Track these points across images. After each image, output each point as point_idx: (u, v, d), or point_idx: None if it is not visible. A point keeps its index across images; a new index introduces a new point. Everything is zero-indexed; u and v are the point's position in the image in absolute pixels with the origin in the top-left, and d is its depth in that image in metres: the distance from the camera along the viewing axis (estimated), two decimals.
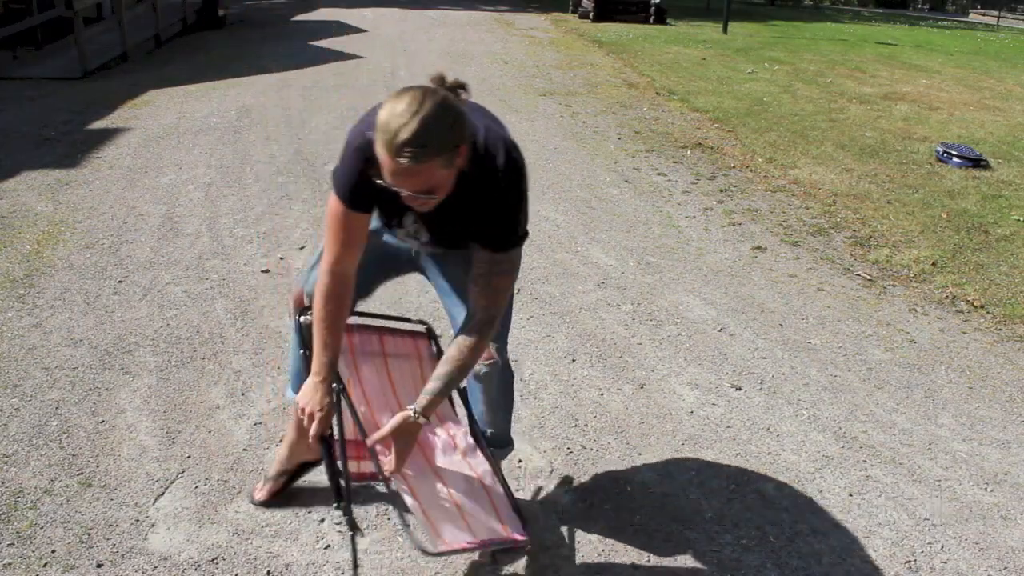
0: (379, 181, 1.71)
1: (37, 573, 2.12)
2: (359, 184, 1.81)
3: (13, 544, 2.21)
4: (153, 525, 2.30)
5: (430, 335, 2.34)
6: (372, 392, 2.09)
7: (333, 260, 1.89)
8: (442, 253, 2.10)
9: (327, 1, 17.17)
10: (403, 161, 1.61)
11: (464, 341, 1.89)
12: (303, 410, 1.93)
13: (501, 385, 2.25)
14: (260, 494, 2.39)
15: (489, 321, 1.89)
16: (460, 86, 1.71)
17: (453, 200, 1.76)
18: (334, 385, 1.94)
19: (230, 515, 2.35)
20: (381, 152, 1.64)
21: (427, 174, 1.65)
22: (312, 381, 1.93)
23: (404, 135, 1.59)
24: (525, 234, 1.88)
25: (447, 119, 1.62)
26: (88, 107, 7.17)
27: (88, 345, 3.22)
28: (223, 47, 11.07)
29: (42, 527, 2.27)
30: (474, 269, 1.88)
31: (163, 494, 2.42)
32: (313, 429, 1.93)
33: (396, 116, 1.60)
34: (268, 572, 2.15)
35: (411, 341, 2.30)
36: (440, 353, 2.22)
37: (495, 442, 2.28)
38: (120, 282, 3.79)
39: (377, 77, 8.95)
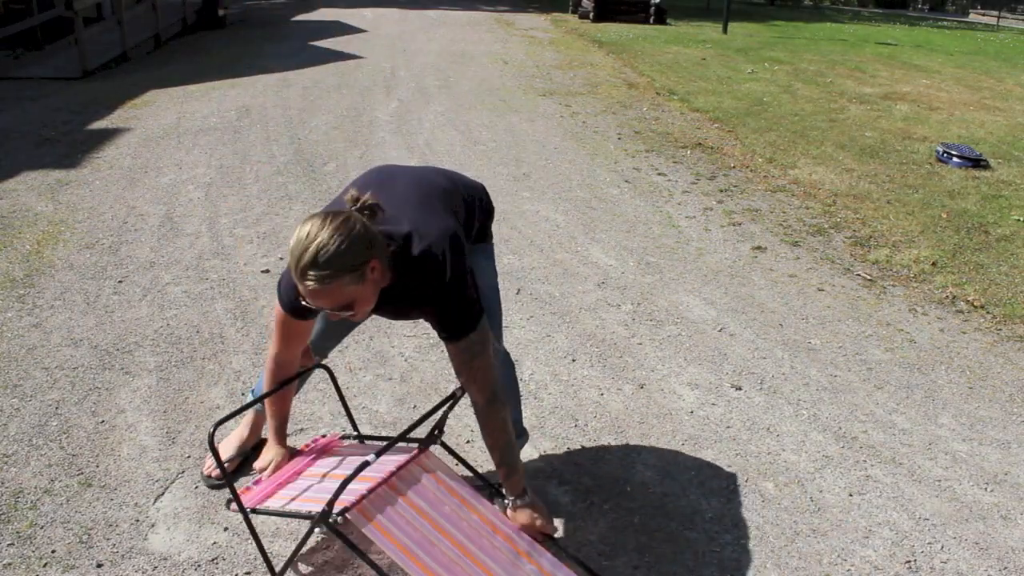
0: (301, 300, 1.82)
1: (37, 573, 2.12)
2: (298, 296, 1.86)
3: (13, 544, 2.21)
4: (153, 525, 2.30)
5: (429, 442, 2.15)
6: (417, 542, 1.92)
7: (277, 352, 2.11)
8: None
9: (327, 1, 17.17)
10: (308, 284, 1.71)
11: (483, 429, 2.05)
12: (256, 468, 2.23)
13: (504, 377, 2.32)
14: (214, 471, 2.47)
15: (491, 405, 2.00)
16: (373, 206, 1.79)
17: (395, 298, 1.88)
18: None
19: (230, 515, 2.35)
20: (291, 275, 1.75)
21: (336, 293, 1.74)
22: (268, 442, 2.26)
23: (304, 260, 1.69)
24: (480, 312, 1.95)
25: (346, 241, 1.70)
26: (88, 107, 7.17)
27: (88, 345, 3.22)
28: (223, 47, 11.07)
29: (42, 527, 2.27)
30: (452, 364, 1.98)
31: (163, 494, 2.42)
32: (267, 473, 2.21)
33: (299, 242, 1.71)
34: (267, 572, 2.15)
35: (415, 465, 2.10)
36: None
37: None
38: (120, 282, 3.79)
39: (377, 77, 8.95)
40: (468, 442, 2.71)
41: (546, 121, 7.19)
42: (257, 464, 2.23)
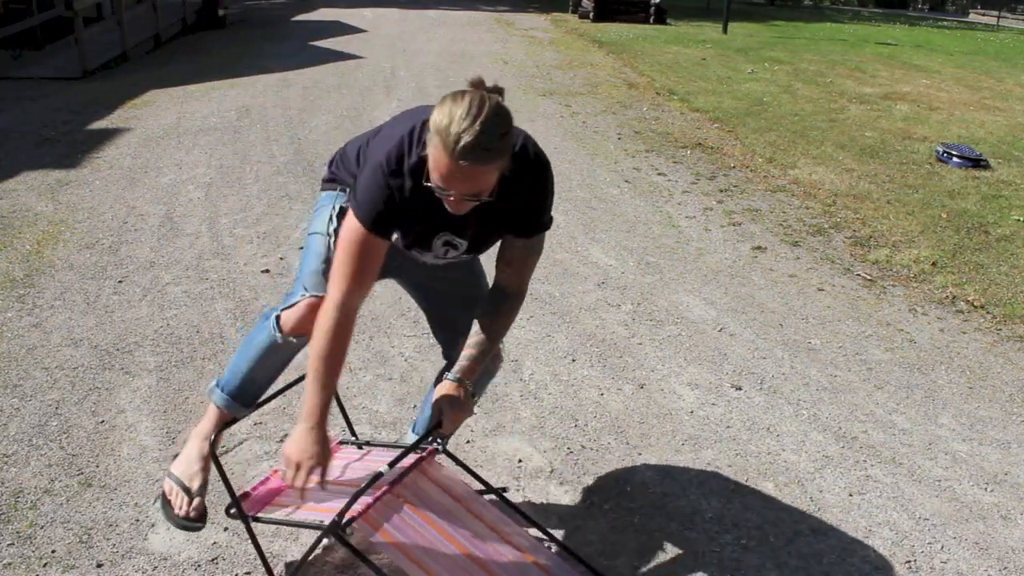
0: (427, 183, 1.69)
1: (37, 573, 2.12)
2: (388, 205, 1.76)
3: (13, 544, 2.21)
4: (153, 525, 2.30)
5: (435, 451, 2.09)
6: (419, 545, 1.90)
7: (344, 293, 1.78)
8: (429, 276, 2.11)
9: (327, 1, 17.17)
10: (464, 164, 1.61)
11: (498, 312, 1.94)
12: (290, 460, 1.79)
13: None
14: (189, 510, 2.07)
15: (520, 296, 1.97)
16: (499, 90, 1.72)
17: (490, 201, 1.75)
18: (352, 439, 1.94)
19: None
20: (439, 155, 1.62)
21: (484, 178, 1.66)
22: (303, 428, 1.79)
23: (468, 139, 1.59)
24: (551, 219, 1.93)
25: (505, 124, 1.66)
26: (88, 107, 7.18)
27: (88, 345, 3.22)
28: (223, 47, 11.07)
29: (42, 527, 2.27)
30: (507, 254, 1.91)
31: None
32: (298, 480, 1.80)
33: (457, 120, 1.60)
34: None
35: (418, 472, 2.04)
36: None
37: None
38: (120, 282, 3.79)
39: (377, 77, 8.95)
40: (468, 442, 2.71)
41: (546, 121, 7.19)
42: (287, 450, 1.80)
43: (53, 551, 2.19)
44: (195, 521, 2.07)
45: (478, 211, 1.78)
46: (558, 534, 2.30)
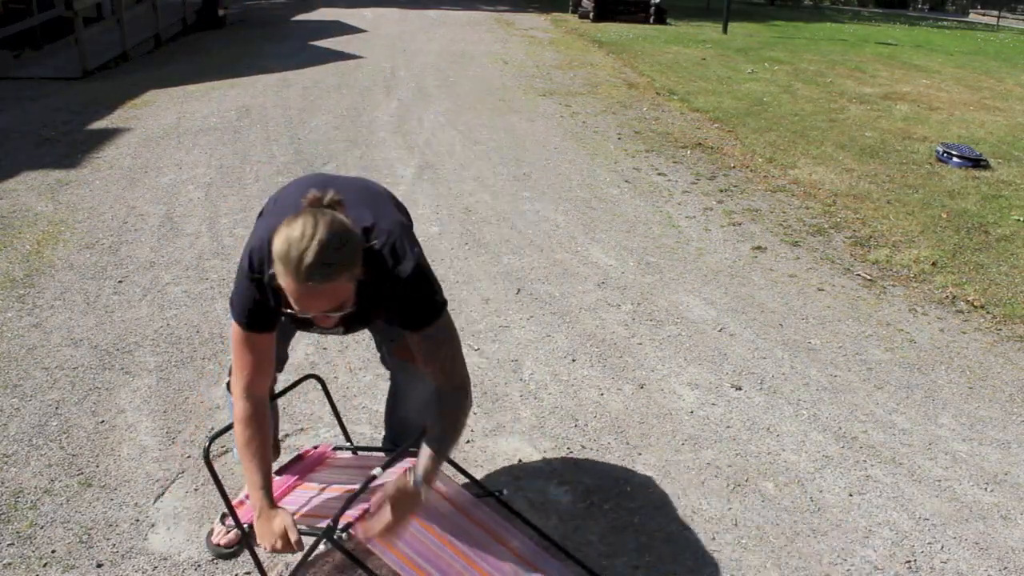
0: (287, 311, 1.74)
1: (37, 573, 2.12)
2: (258, 308, 1.83)
3: (13, 544, 2.21)
4: (153, 525, 2.30)
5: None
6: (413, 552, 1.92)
7: (245, 385, 1.89)
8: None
9: (327, 1, 17.17)
10: (312, 284, 1.63)
11: (441, 416, 1.89)
12: (265, 544, 1.84)
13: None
14: (224, 540, 2.24)
15: (458, 391, 1.90)
16: (336, 203, 1.73)
17: (358, 303, 1.79)
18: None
19: (230, 517, 2.35)
20: (286, 280, 1.65)
21: (334, 292, 1.68)
22: (262, 518, 1.84)
23: (309, 259, 1.61)
24: (444, 301, 1.89)
25: (342, 237, 1.65)
26: (88, 107, 7.18)
27: (88, 345, 3.22)
28: (223, 47, 11.07)
29: (42, 527, 2.27)
30: (419, 355, 1.90)
31: (163, 494, 2.42)
32: (286, 550, 1.85)
33: (295, 243, 1.62)
34: (267, 572, 2.15)
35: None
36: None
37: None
38: (120, 282, 3.79)
39: (377, 77, 8.95)
40: (468, 442, 2.71)
41: (546, 121, 7.19)
42: (264, 544, 1.85)
43: (53, 551, 2.19)
44: (225, 548, 2.23)
45: (346, 316, 1.81)
46: (557, 535, 2.30)
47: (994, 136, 7.33)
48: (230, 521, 2.24)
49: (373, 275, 1.78)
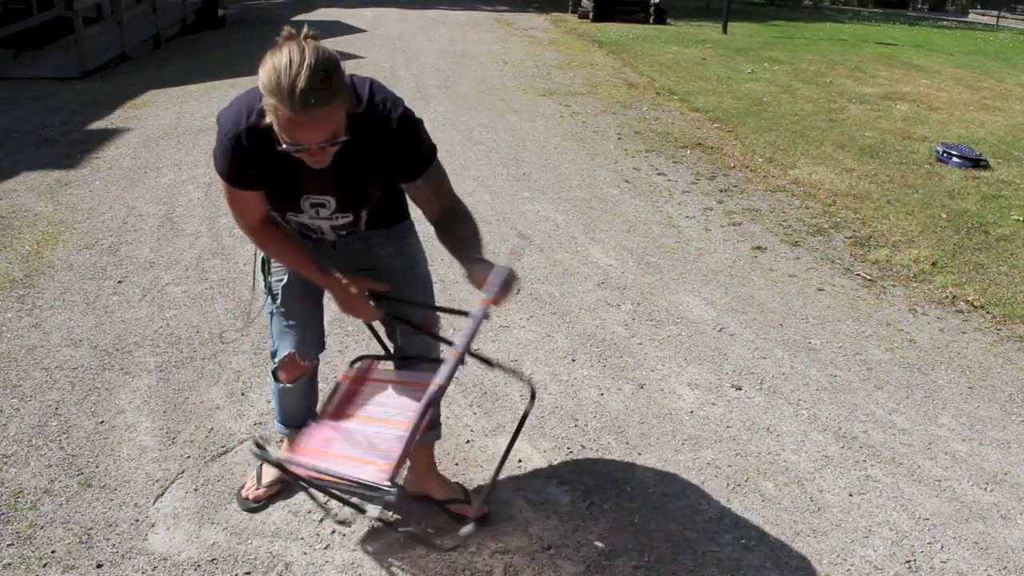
0: (280, 148, 1.70)
1: (37, 573, 2.12)
2: (240, 167, 1.83)
3: (13, 544, 2.21)
4: (153, 525, 2.30)
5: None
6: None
7: (246, 222, 1.95)
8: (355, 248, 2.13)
9: (326, 1, 17.17)
10: (310, 108, 1.60)
11: (455, 226, 1.97)
12: (350, 310, 2.00)
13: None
14: (253, 494, 2.40)
15: (461, 210, 2.00)
16: (315, 35, 1.71)
17: (349, 150, 1.78)
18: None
19: (230, 515, 2.35)
20: (281, 113, 1.62)
21: (332, 117, 1.66)
22: (334, 287, 1.99)
23: (302, 84, 1.58)
24: (434, 146, 1.96)
25: (330, 61, 1.65)
26: (88, 107, 7.17)
27: (88, 345, 3.22)
28: (223, 47, 11.07)
29: (42, 527, 2.27)
30: (421, 195, 1.96)
31: (163, 494, 2.42)
32: (367, 312, 2.03)
33: (284, 72, 1.59)
34: (267, 572, 2.15)
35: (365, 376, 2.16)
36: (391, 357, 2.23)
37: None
38: (120, 282, 3.79)
39: (377, 77, 8.92)
40: (468, 442, 2.71)
41: (546, 121, 7.19)
42: (352, 310, 2.01)
43: (53, 551, 2.19)
44: (254, 503, 2.39)
45: (337, 165, 1.79)
46: (557, 535, 2.30)
47: (994, 136, 7.33)
48: (265, 477, 2.37)
49: (364, 111, 1.79)
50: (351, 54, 10.49)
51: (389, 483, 1.71)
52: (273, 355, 2.23)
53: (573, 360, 3.27)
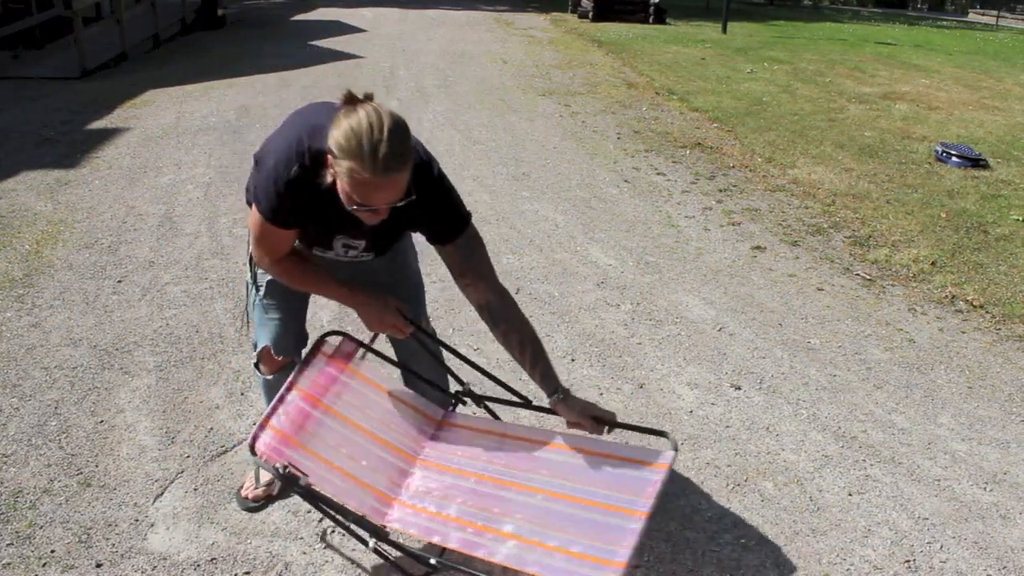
0: (352, 208, 1.71)
1: (36, 573, 2.12)
2: (284, 207, 1.81)
3: (12, 544, 2.21)
4: (152, 525, 2.30)
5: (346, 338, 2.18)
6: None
7: (271, 258, 1.93)
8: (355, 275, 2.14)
9: (326, 1, 17.17)
10: (390, 172, 1.63)
11: (516, 316, 1.99)
12: (378, 324, 2.01)
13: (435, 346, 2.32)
14: (252, 493, 2.40)
15: (505, 297, 1.98)
16: (369, 96, 1.72)
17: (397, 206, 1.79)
18: None
19: (229, 515, 2.35)
20: (360, 174, 1.63)
21: (404, 179, 1.68)
22: (356, 304, 2.00)
23: (384, 150, 1.60)
24: (469, 213, 1.95)
25: (404, 127, 1.67)
26: (87, 107, 7.17)
27: (87, 345, 3.22)
28: (222, 47, 11.07)
29: (41, 527, 2.27)
30: (457, 266, 1.94)
31: (162, 494, 2.42)
32: (398, 326, 2.02)
33: (367, 134, 1.60)
34: (267, 572, 2.15)
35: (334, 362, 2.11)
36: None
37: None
38: (119, 282, 3.79)
39: (376, 77, 8.94)
40: None
41: (545, 121, 7.19)
42: (380, 326, 2.03)
43: (52, 551, 2.19)
44: (253, 502, 2.37)
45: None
46: None
47: (993, 136, 7.33)
48: (263, 477, 2.36)
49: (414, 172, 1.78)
50: (351, 54, 10.49)
51: (384, 525, 1.73)
52: (254, 346, 2.25)
53: (572, 360, 3.27)
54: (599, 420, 2.00)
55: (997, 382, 3.27)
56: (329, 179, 1.72)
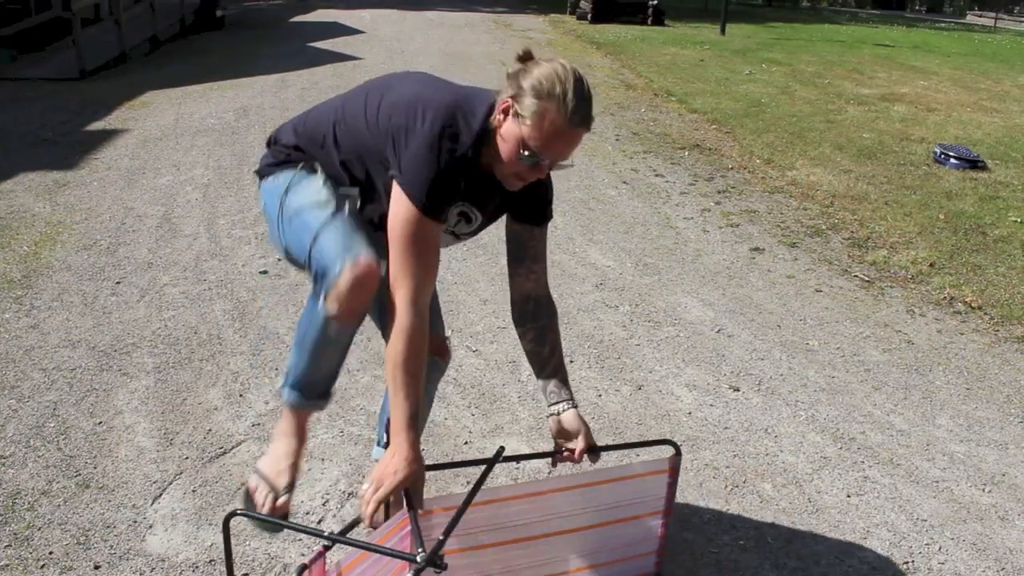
0: (527, 152, 1.59)
1: (34, 575, 2.11)
2: (447, 183, 1.62)
3: (10, 546, 2.20)
4: (151, 527, 2.30)
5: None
6: None
7: (414, 290, 1.60)
8: None
9: (325, 2, 17.17)
10: (580, 127, 1.59)
11: (556, 322, 1.93)
12: (372, 478, 1.60)
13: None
14: (275, 507, 1.85)
15: (555, 312, 1.95)
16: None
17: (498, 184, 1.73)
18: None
19: None
20: (556, 118, 1.56)
21: (578, 143, 1.65)
22: (392, 446, 1.61)
23: (584, 102, 1.57)
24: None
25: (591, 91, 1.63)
26: (86, 108, 7.17)
27: (86, 346, 3.22)
28: (221, 48, 11.07)
29: (39, 529, 2.27)
30: (531, 250, 1.86)
31: (161, 495, 2.42)
32: (371, 501, 1.59)
33: (571, 87, 1.57)
34: (265, 574, 2.15)
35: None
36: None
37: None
38: (118, 283, 3.79)
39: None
40: (466, 443, 2.71)
41: None
42: (372, 496, 1.59)
43: (51, 553, 2.19)
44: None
45: (503, 191, 1.75)
46: None
47: (991, 137, 7.34)
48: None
49: None
50: (349, 55, 10.50)
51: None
52: (323, 274, 1.63)
53: (571, 361, 3.27)
54: (592, 449, 1.88)
55: (995, 383, 3.27)
56: (496, 125, 1.62)
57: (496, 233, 4.68)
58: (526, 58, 1.67)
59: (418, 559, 1.46)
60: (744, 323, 3.67)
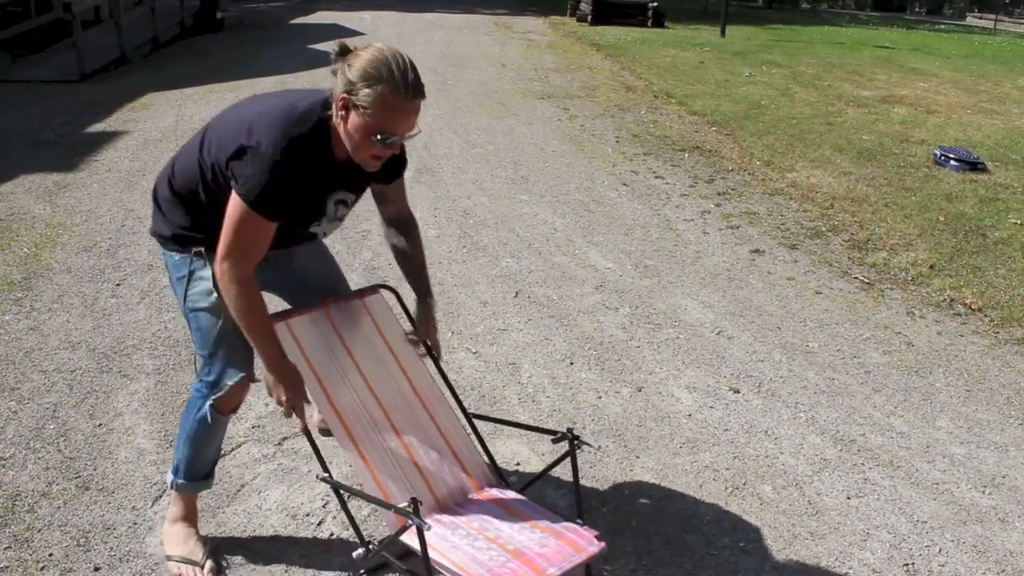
0: (380, 137, 1.75)
1: None
2: (282, 190, 1.79)
3: (10, 547, 2.20)
4: (151, 528, 2.30)
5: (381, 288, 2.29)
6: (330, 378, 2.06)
7: (240, 268, 1.83)
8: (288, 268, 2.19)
9: (325, 4, 17.18)
10: (420, 95, 1.74)
11: (411, 237, 2.19)
12: (281, 391, 1.93)
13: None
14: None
15: (412, 217, 2.22)
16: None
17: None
18: None
19: (227, 517, 2.35)
20: (390, 98, 1.71)
21: (418, 112, 1.79)
22: (288, 372, 1.94)
23: (412, 75, 1.72)
24: None
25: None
26: (86, 110, 7.17)
27: (86, 348, 3.22)
28: (221, 50, 11.08)
29: (39, 530, 2.27)
30: (388, 195, 2.12)
31: (161, 497, 2.42)
32: (289, 403, 1.95)
33: (395, 61, 1.71)
34: (268, 574, 2.14)
35: (358, 303, 2.22)
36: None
37: None
38: (118, 285, 3.79)
39: None
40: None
41: (544, 124, 7.20)
42: (278, 394, 1.95)
43: (50, 554, 2.19)
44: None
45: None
46: None
47: (991, 139, 7.34)
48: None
49: None
50: None
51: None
52: (214, 383, 2.01)
53: (571, 363, 3.27)
54: (434, 345, 2.20)
55: (995, 385, 3.27)
56: (337, 120, 1.78)
57: (497, 236, 4.68)
58: (344, 52, 1.79)
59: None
60: (744, 325, 3.67)
